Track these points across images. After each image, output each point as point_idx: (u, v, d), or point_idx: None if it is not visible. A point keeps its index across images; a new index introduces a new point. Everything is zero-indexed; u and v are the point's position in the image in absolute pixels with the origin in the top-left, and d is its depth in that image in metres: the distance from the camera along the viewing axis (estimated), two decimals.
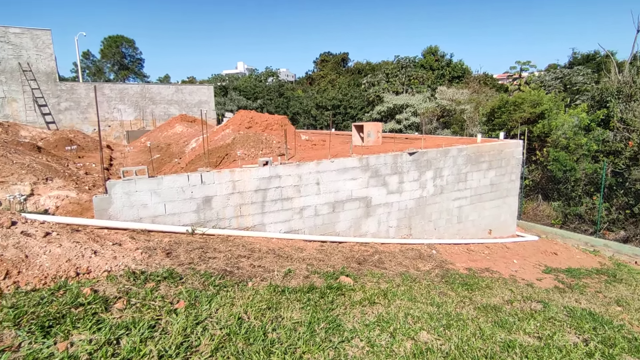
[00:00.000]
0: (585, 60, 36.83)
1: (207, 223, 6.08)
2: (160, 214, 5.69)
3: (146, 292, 3.20)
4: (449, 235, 9.42)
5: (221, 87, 39.08)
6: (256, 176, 6.51)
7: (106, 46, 48.73)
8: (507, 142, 10.52)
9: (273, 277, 4.32)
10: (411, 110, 29.89)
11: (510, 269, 7.49)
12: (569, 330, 4.26)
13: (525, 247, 9.92)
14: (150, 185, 5.58)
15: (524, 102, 18.74)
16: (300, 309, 3.49)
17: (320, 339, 2.95)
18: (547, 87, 29.57)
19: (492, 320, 4.23)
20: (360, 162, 7.74)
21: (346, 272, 5.10)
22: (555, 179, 16.07)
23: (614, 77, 21.96)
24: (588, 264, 9.20)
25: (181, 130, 14.90)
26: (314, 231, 7.30)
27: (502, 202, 10.52)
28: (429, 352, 3.09)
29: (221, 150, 7.81)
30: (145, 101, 21.93)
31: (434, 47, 41.69)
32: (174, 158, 9.94)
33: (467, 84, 34.78)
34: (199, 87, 25.16)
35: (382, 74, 37.63)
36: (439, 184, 9.07)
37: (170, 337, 2.58)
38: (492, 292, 5.47)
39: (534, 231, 13.24)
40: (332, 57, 63.36)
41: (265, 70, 51.00)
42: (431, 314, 4.06)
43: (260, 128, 9.01)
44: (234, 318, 3.01)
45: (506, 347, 3.45)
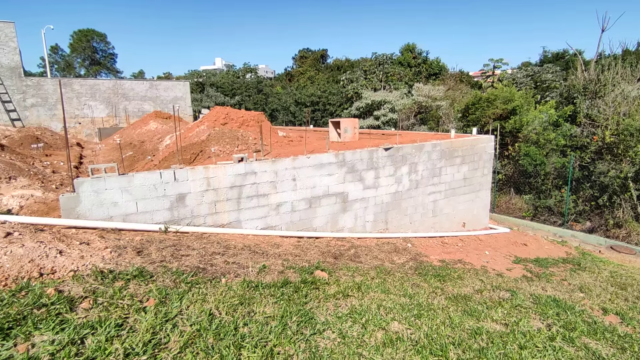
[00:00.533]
0: (555, 58, 38.20)
1: (181, 221, 5.99)
2: (131, 213, 5.56)
3: (114, 291, 3.14)
4: (424, 229, 9.63)
5: (198, 83, 38.34)
6: (231, 173, 6.46)
7: (76, 40, 46.87)
8: (479, 137, 10.81)
9: (247, 273, 4.31)
10: (389, 107, 30.22)
11: (482, 260, 7.73)
12: (534, 317, 4.46)
13: (497, 239, 10.25)
14: (120, 183, 5.45)
15: (496, 99, 19.29)
16: (273, 303, 3.51)
17: (292, 332, 2.98)
18: (519, 84, 30.52)
19: (461, 309, 4.37)
20: (336, 158, 7.79)
21: (321, 266, 5.15)
22: (526, 173, 16.65)
23: (580, 75, 22.90)
24: (555, 253, 9.61)
25: (155, 127, 14.56)
26: (291, 227, 7.31)
27: (475, 196, 10.83)
28: (398, 341, 3.17)
29: (196, 147, 7.69)
30: (117, 97, 21.25)
31: (411, 44, 42.24)
32: (147, 155, 9.70)
33: (443, 81, 35.47)
34: (175, 83, 24.60)
35: (361, 70, 37.84)
36: (414, 179, 9.24)
37: (138, 335, 2.55)
38: (463, 283, 5.65)
39: (506, 224, 13.71)
40: (311, 54, 63.23)
41: (244, 67, 50.34)
42: (403, 304, 4.16)
43: (236, 124, 8.92)
44: (205, 314, 3.00)
45: (473, 334, 3.58)
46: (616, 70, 18.89)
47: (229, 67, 59.13)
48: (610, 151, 14.19)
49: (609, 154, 14.20)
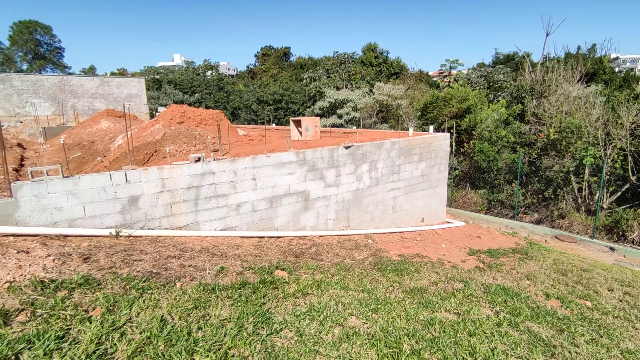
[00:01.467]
0: (506, 60, 40.42)
1: (134, 224, 5.73)
2: (78, 217, 5.24)
3: (56, 301, 2.95)
4: (385, 225, 9.87)
5: (155, 80, 36.79)
6: (188, 173, 6.27)
7: (16, 32, 43.32)
8: (436, 135, 11.23)
9: (204, 276, 4.21)
10: (351, 105, 30.63)
11: (438, 253, 8.05)
12: (484, 305, 4.71)
13: (453, 232, 10.71)
14: (65, 186, 5.12)
15: (452, 98, 20.14)
16: (230, 305, 3.45)
17: (248, 333, 2.95)
18: (474, 84, 32.02)
19: (417, 301, 4.53)
20: (297, 157, 7.79)
21: (282, 266, 5.13)
22: (480, 168, 17.51)
23: (527, 76, 24.41)
24: (506, 244, 10.19)
25: (107, 126, 13.80)
26: (252, 227, 7.22)
27: (432, 192, 11.24)
28: (355, 335, 3.23)
29: (150, 146, 7.37)
30: (65, 94, 19.87)
31: (372, 43, 43.06)
32: (97, 156, 9.17)
33: (403, 80, 36.47)
34: (129, 80, 23.42)
35: (323, 69, 38.03)
36: (375, 176, 9.44)
37: (81, 346, 2.41)
38: (420, 276, 5.85)
39: (462, 217, 14.36)
40: (273, 51, 62.66)
41: (204, 63, 48.92)
42: (361, 300, 4.24)
43: (194, 123, 8.66)
44: (156, 320, 2.90)
45: (427, 325, 3.72)
46: (559, 72, 20.34)
47: (189, 64, 57.23)
48: (554, 147, 15.26)
49: (553, 150, 15.27)
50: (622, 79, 29.19)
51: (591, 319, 4.59)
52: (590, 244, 11.72)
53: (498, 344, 3.38)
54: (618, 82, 27.91)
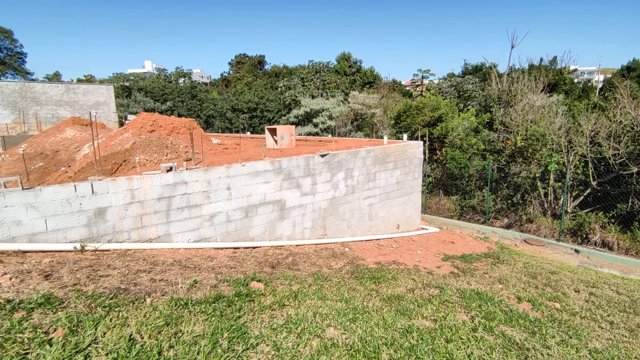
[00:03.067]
0: (475, 70, 42.05)
1: (101, 237, 5.46)
2: (39, 231, 4.94)
3: (12, 323, 2.73)
4: (362, 233, 9.91)
5: (124, 87, 35.72)
6: (159, 183, 6.06)
7: None
8: (410, 143, 11.45)
9: (176, 291, 4.04)
10: (327, 114, 30.85)
11: (414, 259, 8.14)
12: (460, 310, 4.77)
13: (428, 238, 10.89)
14: (25, 198, 4.82)
15: (425, 107, 20.66)
16: (203, 320, 3.32)
17: (223, 350, 2.84)
18: (445, 93, 33.05)
19: (395, 309, 4.53)
20: (272, 165, 7.71)
21: (258, 277, 5.02)
22: (453, 175, 17.99)
23: (495, 86, 25.46)
24: (479, 249, 10.46)
25: (73, 135, 13.19)
26: (227, 238, 7.05)
27: (407, 199, 11.41)
28: (333, 347, 3.18)
29: (118, 156, 7.09)
30: (26, 102, 18.88)
31: (346, 53, 43.72)
32: (61, 166, 8.73)
33: (377, 89, 37.15)
34: (97, 87, 22.59)
35: (298, 78, 38.19)
36: (350, 184, 9.48)
37: None
38: (397, 283, 5.88)
39: (436, 224, 14.65)
40: (248, 59, 62.45)
41: (176, 71, 48.01)
42: (339, 310, 4.19)
43: (165, 132, 8.42)
44: (124, 340, 2.74)
45: (405, 333, 3.72)
46: (524, 82, 21.34)
47: (160, 71, 56.00)
48: (521, 154, 15.89)
49: (520, 157, 15.90)
50: (580, 89, 31.00)
51: (560, 320, 4.74)
52: (557, 247, 12.22)
53: (474, 350, 3.41)
54: (577, 92, 29.61)
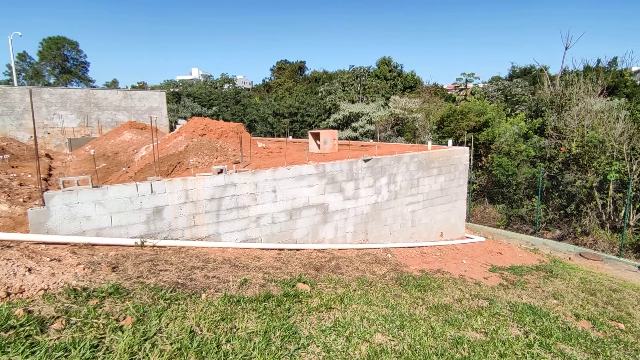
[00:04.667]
0: (523, 73, 40.08)
1: (158, 234, 5.81)
2: (105, 227, 5.36)
3: (88, 309, 2.99)
4: (404, 239, 9.75)
5: (174, 94, 37.75)
6: (210, 184, 6.35)
7: (45, 48, 45.29)
8: (455, 148, 11.13)
9: (228, 288, 4.22)
10: (366, 119, 30.72)
11: (460, 269, 7.88)
12: (512, 324, 4.57)
13: (473, 248, 10.49)
14: (94, 195, 5.25)
15: (470, 112, 19.99)
16: (256, 318, 3.44)
17: (276, 348, 2.93)
18: (491, 97, 31.77)
19: (442, 318, 4.43)
20: (316, 169, 7.82)
21: (303, 279, 5.10)
22: (499, 183, 17.22)
23: (547, 89, 24.10)
24: (529, 261, 9.92)
25: (130, 138, 14.16)
26: (271, 239, 7.23)
27: (452, 206, 11.08)
28: (383, 353, 3.17)
29: (173, 158, 7.52)
30: (90, 107, 20.58)
31: (387, 57, 43.29)
32: (121, 167, 9.40)
33: (419, 93, 36.46)
34: (150, 93, 24.12)
35: (338, 82, 38.38)
36: (393, 190, 9.38)
37: (115, 356, 2.43)
38: (443, 292, 5.73)
39: (481, 233, 14.08)
40: (289, 65, 63.70)
41: (221, 77, 50.04)
42: (386, 316, 4.17)
43: (215, 135, 8.82)
44: (185, 332, 2.91)
45: (455, 344, 3.63)
46: (579, 85, 20.02)
47: (206, 78, 58.63)
48: (576, 162, 14.91)
49: (575, 165, 14.92)
50: None
51: (626, 342, 4.39)
52: (617, 263, 11.31)
53: None
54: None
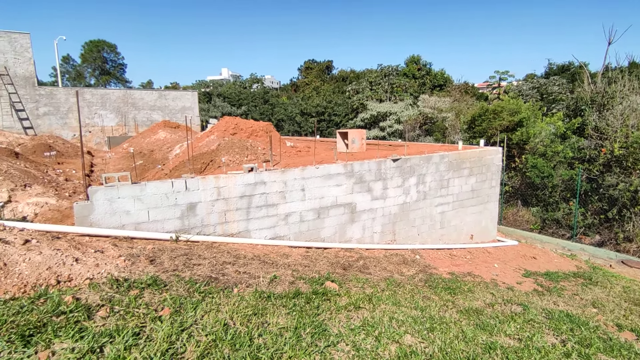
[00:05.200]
0: (560, 70, 38.25)
1: (191, 230, 6.02)
2: (143, 221, 5.61)
3: (129, 299, 3.16)
4: (432, 241, 9.58)
5: (205, 94, 38.80)
6: (241, 182, 6.51)
7: (87, 51, 47.77)
8: (487, 149, 10.81)
9: (258, 283, 4.31)
10: (394, 118, 30.35)
11: (491, 273, 7.66)
12: (548, 332, 4.40)
13: (505, 251, 10.16)
14: (133, 191, 5.51)
15: (503, 111, 19.31)
16: (286, 314, 3.51)
17: (307, 344, 2.97)
18: (525, 96, 30.55)
19: (474, 323, 4.33)
20: (345, 169, 7.83)
21: (331, 277, 5.14)
22: (533, 185, 16.55)
23: (587, 87, 22.89)
24: (565, 267, 9.49)
25: (164, 136, 14.72)
26: (299, 237, 7.31)
27: (483, 208, 10.78)
28: (413, 355, 3.14)
29: (206, 156, 7.76)
30: (127, 107, 21.57)
31: (416, 56, 42.55)
32: (157, 164, 9.80)
33: (448, 92, 35.61)
34: (183, 93, 24.93)
35: (366, 82, 38.13)
36: (422, 190, 9.24)
37: (155, 344, 2.56)
38: (474, 296, 5.60)
39: (514, 236, 13.59)
40: (316, 65, 63.86)
41: (250, 77, 50.92)
42: (415, 317, 4.13)
43: (245, 134, 9.01)
44: (219, 324, 3.01)
45: (488, 349, 3.54)
46: (623, 82, 18.88)
47: (236, 78, 59.84)
48: (619, 164, 14.09)
49: (618, 167, 14.10)
50: None
51: None
52: None
53: None
54: None
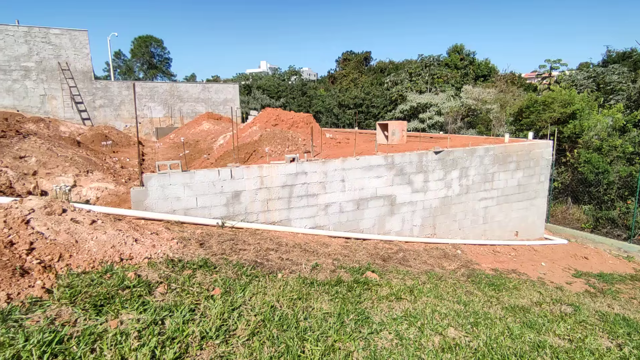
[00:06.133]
0: (621, 58, 35.14)
1: (235, 217, 6.27)
2: (192, 207, 5.91)
3: (184, 278, 3.37)
4: (474, 236, 9.30)
5: (245, 86, 39.69)
6: (283, 172, 6.65)
7: (136, 46, 50.35)
8: (536, 142, 10.26)
9: (301, 270, 4.43)
10: (435, 110, 29.46)
11: (538, 271, 7.33)
12: (602, 335, 4.18)
13: (554, 250, 9.66)
14: (183, 179, 5.81)
15: (554, 102, 18.16)
16: (329, 300, 3.59)
17: (351, 330, 3.04)
18: (579, 86, 28.45)
19: (520, 320, 4.20)
20: (385, 160, 7.76)
21: (372, 268, 5.16)
22: (586, 181, 15.51)
23: None
24: (621, 269, 8.87)
25: (208, 128, 15.29)
26: (338, 227, 7.38)
27: (529, 204, 10.28)
28: (457, 347, 3.12)
29: (249, 146, 8.00)
30: (173, 99, 22.61)
31: (459, 45, 40.84)
32: (202, 154, 10.25)
33: (493, 83, 33.93)
34: (225, 86, 25.68)
35: (406, 73, 37.21)
36: (465, 184, 8.96)
37: (210, 320, 2.72)
38: (519, 294, 5.40)
39: (562, 235, 12.85)
40: (354, 56, 63.10)
41: (288, 69, 51.38)
42: (458, 311, 4.07)
43: (286, 126, 9.17)
44: (267, 306, 3.14)
45: (536, 347, 3.43)
46: None
47: (274, 70, 60.58)
48: None
49: None
50: None
51: None
52: None
53: None
54: None
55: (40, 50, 18.70)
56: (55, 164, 6.61)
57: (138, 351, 2.20)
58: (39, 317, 2.39)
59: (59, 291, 2.70)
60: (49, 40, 18.78)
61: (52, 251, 3.14)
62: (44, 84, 19.00)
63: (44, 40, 18.68)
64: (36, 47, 18.60)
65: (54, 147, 7.83)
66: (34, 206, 3.54)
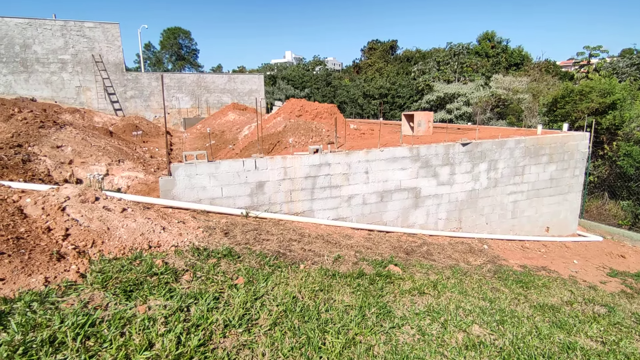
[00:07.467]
0: None
1: (259, 207, 6.34)
2: (217, 197, 6.03)
3: (209, 267, 3.45)
4: (502, 231, 9.02)
5: (270, 77, 39.84)
6: (307, 163, 6.66)
7: (165, 38, 51.44)
8: (571, 134, 9.77)
9: (323, 262, 4.44)
10: (463, 100, 28.55)
11: (569, 269, 7.04)
12: (638, 339, 3.97)
13: (587, 247, 9.24)
14: (209, 169, 5.93)
15: (592, 91, 17.18)
16: (350, 293, 3.58)
17: (372, 323, 3.02)
18: (621, 74, 26.77)
19: (549, 320, 4.05)
20: (410, 152, 7.61)
21: (394, 261, 5.11)
22: (625, 175, 14.66)
23: None
24: None
25: (233, 118, 15.50)
26: (361, 220, 7.34)
27: (562, 199, 9.84)
28: (481, 345, 3.05)
29: (273, 137, 8.05)
30: (200, 90, 23.04)
31: (490, 32, 39.24)
32: (228, 144, 10.41)
33: (526, 71, 32.45)
34: (250, 76, 25.88)
35: (433, 61, 36.18)
36: (493, 177, 8.67)
37: (233, 309, 2.78)
38: (549, 292, 5.21)
39: (597, 231, 12.25)
40: (380, 45, 61.88)
41: (313, 59, 51.14)
42: (483, 308, 3.97)
43: (310, 116, 9.14)
44: (289, 297, 3.17)
45: (566, 349, 3.31)
46: None
47: (299, 60, 60.43)
48: None
49: None
50: None
51: None
52: None
53: None
54: None
55: (76, 43, 19.45)
56: (89, 153, 6.91)
57: (164, 337, 2.28)
58: (73, 300, 2.51)
59: (92, 276, 2.82)
60: (83, 34, 19.49)
61: (86, 237, 3.29)
62: (79, 75, 19.80)
63: (78, 33, 19.39)
64: (72, 40, 19.35)
65: (88, 137, 8.18)
66: (69, 194, 3.71)
